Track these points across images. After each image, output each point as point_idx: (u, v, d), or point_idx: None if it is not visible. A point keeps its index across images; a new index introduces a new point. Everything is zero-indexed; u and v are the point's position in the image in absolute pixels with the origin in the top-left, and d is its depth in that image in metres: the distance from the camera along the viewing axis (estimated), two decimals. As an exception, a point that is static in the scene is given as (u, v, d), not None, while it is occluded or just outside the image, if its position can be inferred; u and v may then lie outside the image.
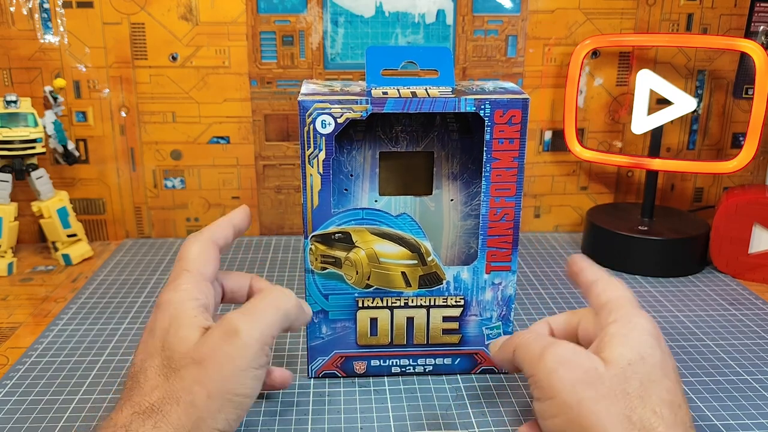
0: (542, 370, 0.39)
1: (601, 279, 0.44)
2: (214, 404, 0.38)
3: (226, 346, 0.39)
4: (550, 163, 0.87)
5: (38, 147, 0.74)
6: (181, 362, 0.39)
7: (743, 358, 0.58)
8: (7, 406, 0.50)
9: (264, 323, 0.41)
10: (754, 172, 0.89)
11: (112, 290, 0.70)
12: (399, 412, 0.49)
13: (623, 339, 0.39)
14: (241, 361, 0.39)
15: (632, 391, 0.36)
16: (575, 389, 0.37)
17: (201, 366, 0.38)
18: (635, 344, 0.38)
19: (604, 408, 0.36)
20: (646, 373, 0.37)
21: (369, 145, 0.54)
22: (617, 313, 0.41)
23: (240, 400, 0.39)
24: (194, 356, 0.39)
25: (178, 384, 0.38)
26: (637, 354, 0.38)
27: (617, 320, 0.40)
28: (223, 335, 0.39)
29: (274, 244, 0.84)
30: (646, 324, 0.40)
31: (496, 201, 0.50)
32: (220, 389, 0.38)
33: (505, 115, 0.49)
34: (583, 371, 0.37)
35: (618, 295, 0.42)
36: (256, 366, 0.40)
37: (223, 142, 0.83)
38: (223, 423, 0.38)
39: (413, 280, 0.52)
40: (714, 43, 0.75)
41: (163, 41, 0.79)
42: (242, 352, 0.39)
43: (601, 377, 0.37)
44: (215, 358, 0.38)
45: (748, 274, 0.74)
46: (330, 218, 0.50)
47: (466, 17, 0.81)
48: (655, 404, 0.36)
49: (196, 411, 0.37)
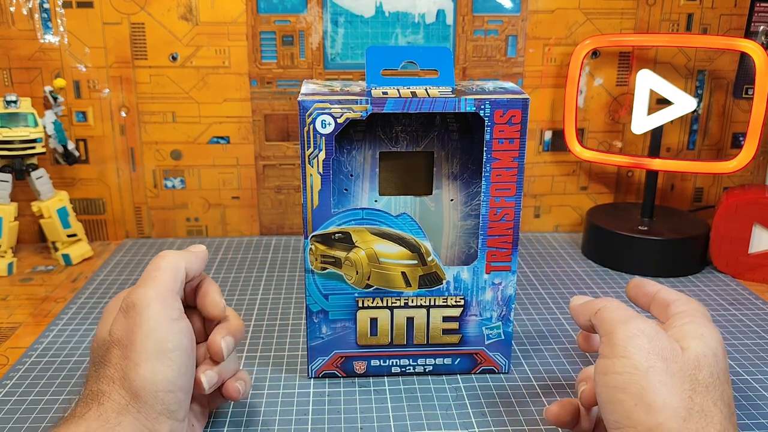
0: (623, 333, 0.39)
1: (683, 296, 0.45)
2: (144, 369, 0.39)
3: (129, 320, 0.41)
4: (550, 163, 0.87)
5: (38, 147, 0.74)
6: (105, 347, 0.41)
7: (743, 358, 0.58)
8: (7, 406, 0.50)
9: (152, 285, 0.42)
10: (754, 172, 0.89)
11: (112, 290, 0.70)
12: (399, 412, 0.49)
13: (700, 336, 0.40)
14: (148, 322, 0.40)
15: (701, 379, 0.37)
16: (649, 357, 0.38)
17: (118, 344, 0.40)
18: (711, 344, 0.39)
19: (670, 381, 0.37)
20: (717, 370, 0.38)
21: (369, 145, 0.54)
22: (693, 318, 0.42)
23: (168, 355, 0.40)
24: (111, 339, 0.41)
25: (108, 365, 0.40)
26: (712, 351, 0.39)
27: (692, 322, 0.41)
28: (124, 312, 0.41)
29: (274, 244, 0.84)
30: (718, 334, 0.41)
31: (496, 201, 0.50)
32: (142, 353, 0.40)
33: (505, 115, 0.49)
34: (661, 346, 0.38)
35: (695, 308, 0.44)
36: (168, 319, 0.41)
37: (223, 142, 0.83)
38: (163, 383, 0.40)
39: (413, 280, 0.52)
40: (714, 43, 0.75)
41: (163, 41, 0.79)
42: (144, 316, 0.41)
43: (676, 357, 0.38)
44: (125, 332, 0.41)
45: (748, 274, 0.74)
46: (330, 218, 0.50)
47: (466, 17, 0.81)
48: (718, 398, 0.37)
49: (130, 383, 0.39)
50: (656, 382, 0.37)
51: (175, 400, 0.40)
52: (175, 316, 0.42)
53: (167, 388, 0.40)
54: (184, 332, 0.42)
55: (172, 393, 0.40)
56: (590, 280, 0.74)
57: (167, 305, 0.42)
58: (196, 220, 0.86)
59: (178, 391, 0.40)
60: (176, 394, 0.40)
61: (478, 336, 0.53)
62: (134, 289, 0.42)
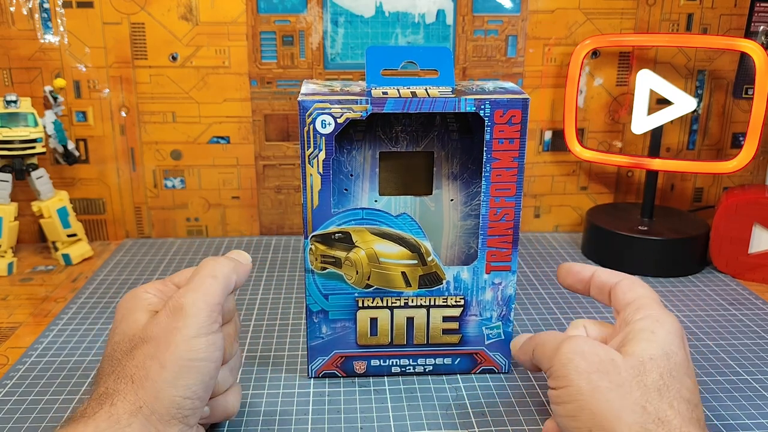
0: (558, 361, 0.39)
1: (625, 278, 0.44)
2: (170, 373, 0.39)
3: (172, 321, 0.40)
4: (550, 163, 0.87)
5: (38, 147, 0.74)
6: (132, 343, 0.40)
7: (743, 358, 0.58)
8: (7, 406, 0.50)
9: (205, 293, 0.42)
10: (754, 172, 0.89)
11: (112, 290, 0.70)
12: (399, 412, 0.49)
13: (650, 335, 0.39)
14: (189, 329, 0.40)
15: (650, 384, 0.37)
16: (590, 378, 0.37)
17: (151, 342, 0.40)
18: (661, 341, 0.39)
19: (618, 396, 0.36)
20: (668, 369, 0.37)
21: (369, 145, 0.54)
22: (644, 311, 0.41)
23: (196, 365, 0.40)
24: (143, 335, 0.40)
25: (130, 363, 0.39)
26: (661, 351, 0.38)
27: (644, 318, 0.40)
28: (169, 312, 0.41)
29: (274, 244, 0.84)
30: (672, 323, 0.40)
31: (496, 201, 0.50)
32: (173, 357, 0.39)
33: (505, 115, 0.49)
34: (598, 361, 0.38)
35: (643, 294, 0.43)
36: (206, 332, 0.41)
37: (223, 142, 0.83)
38: (183, 390, 0.39)
39: (413, 280, 0.52)
40: (714, 43, 0.75)
41: (163, 41, 0.79)
42: (188, 321, 0.40)
43: (617, 368, 0.37)
44: (163, 332, 0.40)
45: (748, 274, 0.74)
46: (330, 218, 0.50)
47: (466, 17, 0.81)
48: (673, 399, 0.36)
49: (152, 383, 0.38)
50: (603, 402, 0.36)
51: (191, 406, 0.40)
52: (214, 329, 0.42)
53: (186, 394, 0.39)
54: (217, 345, 0.41)
55: (189, 400, 0.40)
56: (590, 280, 0.74)
57: (211, 317, 0.41)
58: (196, 220, 0.86)
59: (196, 399, 0.40)
60: (194, 401, 0.40)
61: (478, 336, 0.53)
62: (185, 291, 0.42)
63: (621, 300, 0.43)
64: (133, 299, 0.43)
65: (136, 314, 0.42)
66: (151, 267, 0.76)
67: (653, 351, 0.38)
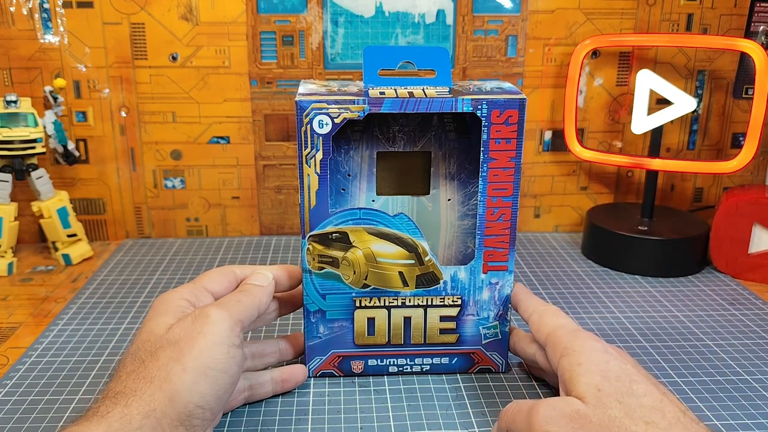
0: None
1: (534, 312, 0.47)
2: (189, 377, 0.39)
3: (197, 326, 0.42)
4: (550, 163, 0.87)
5: (38, 147, 0.74)
6: (157, 344, 0.41)
7: (743, 358, 0.58)
8: (7, 406, 0.50)
9: (233, 308, 0.44)
10: (754, 172, 0.89)
11: (112, 290, 0.70)
12: (399, 412, 0.49)
13: (579, 368, 0.40)
14: (213, 336, 0.41)
15: (617, 414, 0.37)
16: None
17: (175, 345, 0.41)
18: (592, 367, 0.40)
19: None
20: (617, 390, 0.38)
21: (366, 145, 0.54)
22: (560, 345, 0.43)
23: (214, 374, 0.41)
24: (169, 337, 0.41)
25: (153, 364, 0.40)
26: (598, 376, 0.39)
27: (564, 354, 0.42)
28: (195, 318, 0.43)
29: (274, 244, 0.84)
30: (587, 342, 0.42)
31: (493, 201, 0.50)
32: (194, 362, 0.40)
33: (502, 115, 0.49)
34: (569, 420, 0.38)
35: (554, 326, 0.45)
36: (229, 343, 0.42)
37: (223, 142, 0.83)
38: (198, 397, 0.40)
39: (410, 280, 0.52)
40: (714, 43, 0.75)
41: (163, 41, 0.79)
42: (213, 329, 0.42)
43: (586, 416, 0.38)
44: (188, 336, 0.41)
45: (748, 274, 0.74)
46: (327, 218, 0.50)
47: (466, 17, 0.81)
48: (642, 415, 0.37)
49: (170, 386, 0.39)
50: None
51: (201, 416, 0.40)
52: (236, 343, 0.43)
53: (199, 402, 0.40)
54: (237, 360, 0.42)
55: (201, 409, 0.40)
56: (590, 280, 0.74)
57: (234, 332, 0.43)
58: (196, 220, 0.86)
59: (207, 410, 0.40)
60: (205, 411, 0.40)
61: (475, 335, 0.53)
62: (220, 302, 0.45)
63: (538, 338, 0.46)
64: (166, 303, 0.45)
65: (165, 317, 0.43)
66: (151, 267, 0.76)
67: (594, 380, 0.39)
